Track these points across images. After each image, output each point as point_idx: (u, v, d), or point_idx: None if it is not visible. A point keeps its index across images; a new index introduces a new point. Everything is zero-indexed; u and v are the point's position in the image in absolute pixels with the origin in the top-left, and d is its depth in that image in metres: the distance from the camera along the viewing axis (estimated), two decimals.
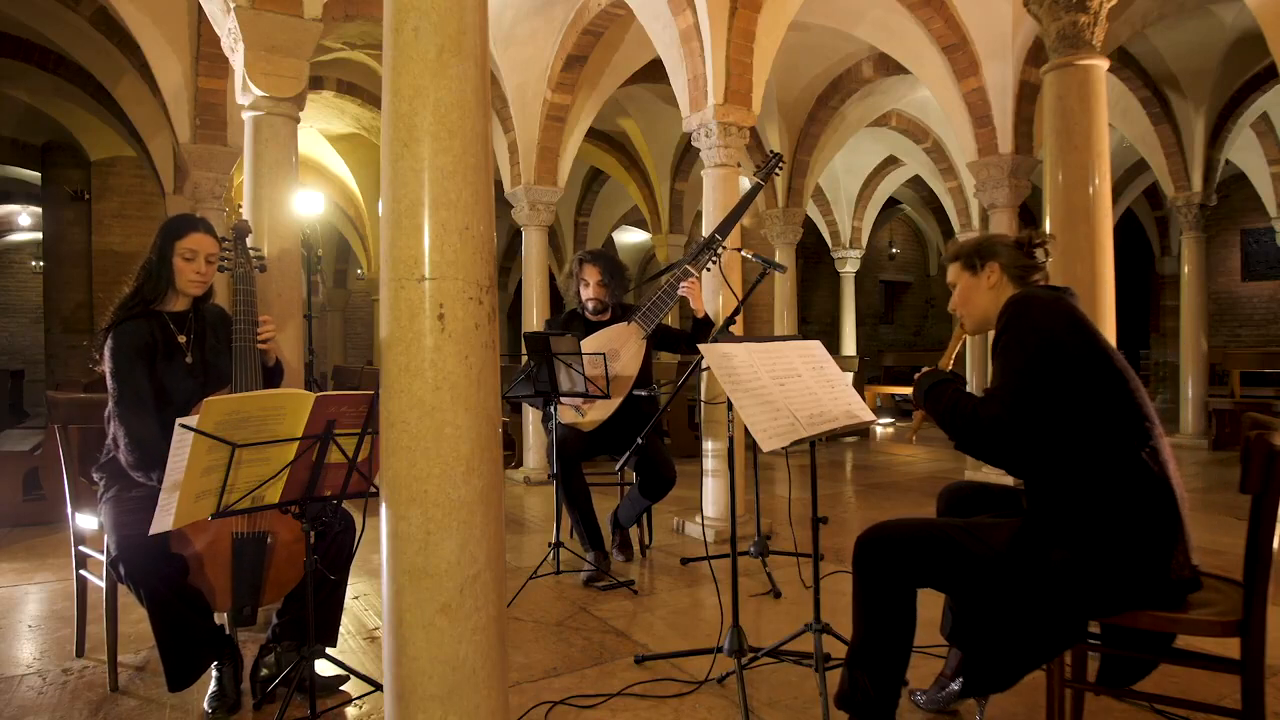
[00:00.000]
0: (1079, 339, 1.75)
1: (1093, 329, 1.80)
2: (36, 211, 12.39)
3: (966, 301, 2.06)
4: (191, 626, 2.16)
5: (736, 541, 2.53)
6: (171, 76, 5.25)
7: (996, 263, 2.00)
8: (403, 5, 1.54)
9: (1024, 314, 1.81)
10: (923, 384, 1.97)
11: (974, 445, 1.81)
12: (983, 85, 5.92)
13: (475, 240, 1.56)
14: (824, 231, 12.53)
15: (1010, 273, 1.99)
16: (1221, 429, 7.92)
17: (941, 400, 1.87)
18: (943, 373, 1.98)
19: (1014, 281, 1.99)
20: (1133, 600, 1.66)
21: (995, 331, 1.88)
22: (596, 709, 2.29)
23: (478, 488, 1.56)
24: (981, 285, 2.02)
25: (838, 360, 3.36)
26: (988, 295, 2.01)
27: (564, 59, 5.89)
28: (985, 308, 2.02)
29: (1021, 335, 1.78)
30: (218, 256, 2.49)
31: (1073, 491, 1.70)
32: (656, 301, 3.61)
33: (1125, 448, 1.68)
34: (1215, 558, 3.74)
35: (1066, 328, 1.76)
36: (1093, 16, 3.39)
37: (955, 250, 2.11)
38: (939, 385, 1.92)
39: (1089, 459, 1.69)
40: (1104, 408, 1.70)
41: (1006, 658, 1.73)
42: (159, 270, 2.43)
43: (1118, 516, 1.65)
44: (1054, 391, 1.70)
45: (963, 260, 2.07)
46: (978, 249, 2.05)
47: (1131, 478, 1.66)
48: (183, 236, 2.42)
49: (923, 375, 2.00)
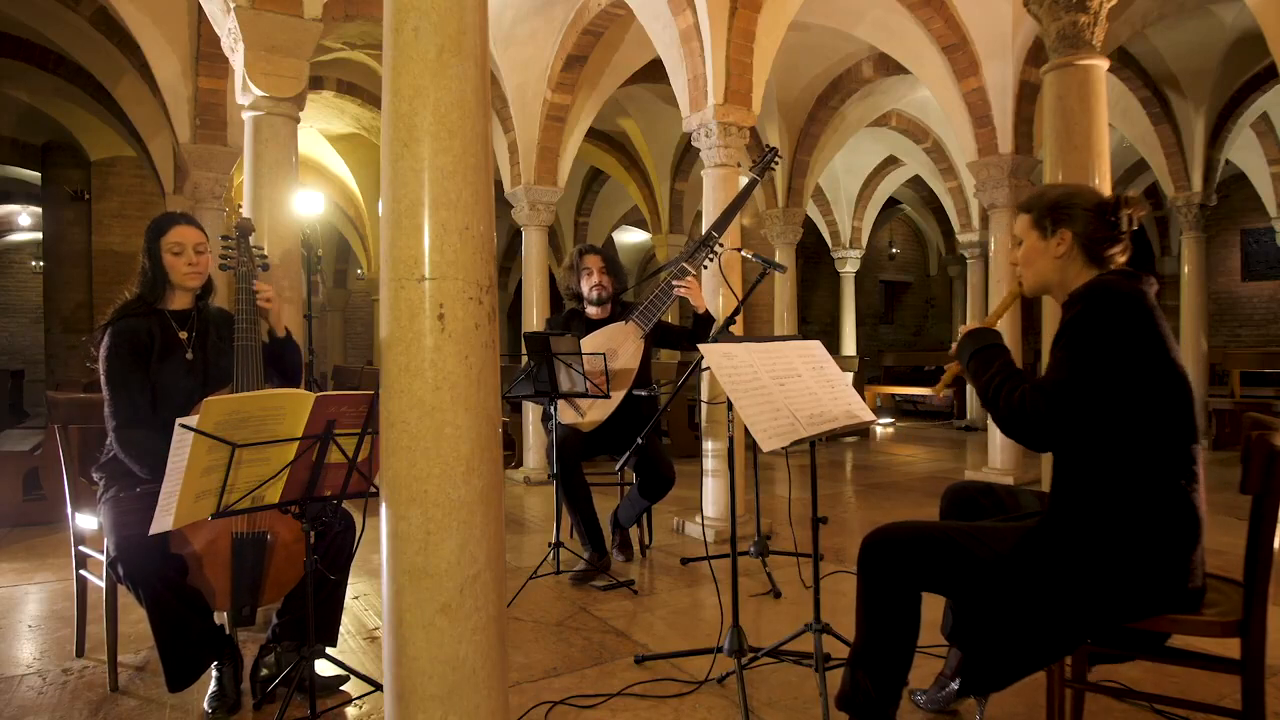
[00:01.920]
0: (1152, 352, 1.63)
1: (1166, 336, 1.67)
2: (36, 211, 12.39)
3: (1030, 263, 1.87)
4: (190, 627, 2.16)
5: (736, 541, 2.53)
6: (171, 76, 5.25)
7: (1070, 230, 1.79)
8: (403, 5, 1.54)
9: (1100, 310, 1.65)
10: (970, 344, 1.84)
11: (1011, 429, 1.69)
12: (983, 85, 5.92)
13: (475, 240, 1.56)
14: (824, 231, 12.53)
15: (1084, 243, 1.79)
16: (1221, 429, 7.92)
17: (989, 369, 1.75)
18: (992, 334, 1.86)
19: (1085, 253, 1.79)
20: (1149, 608, 1.63)
21: (1063, 315, 1.72)
22: (596, 709, 2.29)
23: (478, 488, 1.56)
24: (1049, 251, 1.82)
25: (838, 360, 3.36)
26: (1054, 263, 1.82)
27: (564, 59, 5.89)
28: (1048, 274, 1.84)
29: (1092, 335, 1.63)
30: (206, 245, 2.51)
31: (1104, 499, 1.65)
32: (654, 300, 3.60)
33: (1167, 468, 1.63)
34: (1215, 558, 3.72)
35: (1142, 337, 1.63)
36: (1093, 16, 3.39)
37: (1028, 202, 1.89)
38: (988, 349, 1.80)
39: (1128, 471, 1.64)
40: (1158, 427, 1.63)
41: (1009, 660, 1.71)
42: (154, 273, 2.46)
43: (1146, 530, 1.61)
44: (1111, 403, 1.61)
45: (1034, 217, 1.85)
46: (1053, 208, 1.82)
47: (1166, 496, 1.63)
48: (166, 232, 2.45)
49: (972, 332, 1.87)
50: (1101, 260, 1.80)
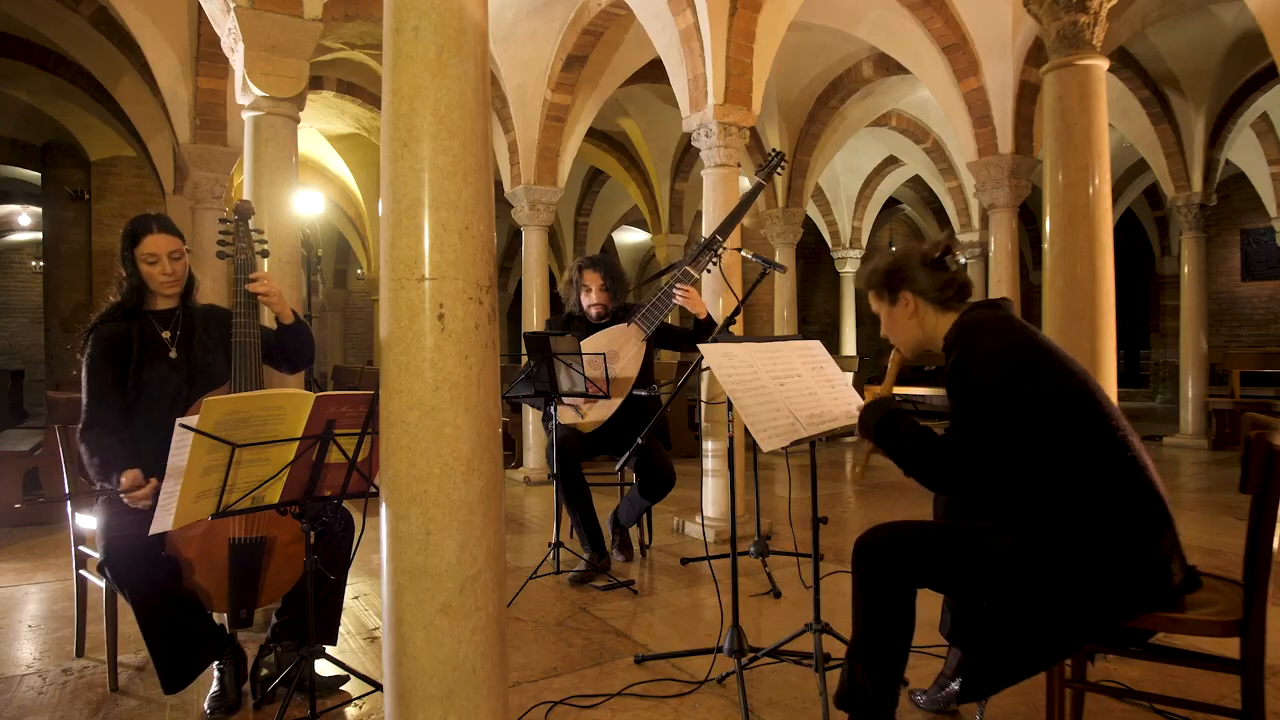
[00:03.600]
0: (1033, 363, 1.69)
1: (1041, 341, 1.74)
2: (36, 211, 12.39)
3: (893, 331, 1.97)
4: (183, 628, 2.15)
5: (736, 541, 2.53)
6: (171, 76, 5.25)
7: (908, 291, 1.90)
8: (403, 5, 1.54)
9: (972, 348, 1.74)
10: (870, 417, 1.87)
11: (940, 486, 1.77)
12: (983, 85, 5.92)
13: (475, 240, 1.56)
14: (824, 231, 12.53)
15: (927, 296, 1.89)
16: (1221, 429, 7.92)
17: (895, 436, 1.80)
18: (890, 403, 1.90)
19: (935, 304, 1.89)
20: (1132, 608, 1.64)
21: (945, 364, 1.80)
22: (596, 709, 2.29)
23: (478, 488, 1.56)
24: (901, 315, 1.93)
25: (838, 360, 3.36)
26: (911, 323, 1.92)
27: (564, 59, 5.89)
28: (913, 334, 1.94)
29: (973, 372, 1.71)
30: (184, 249, 2.43)
31: (1059, 512, 1.66)
32: (656, 303, 3.58)
33: (1103, 462, 1.65)
34: (1215, 558, 3.74)
35: (1022, 353, 1.70)
36: (1093, 16, 3.39)
37: (866, 279, 2.00)
38: (888, 418, 1.83)
39: (1068, 480, 1.65)
40: (1072, 428, 1.66)
41: (1006, 663, 1.71)
42: (132, 279, 2.41)
43: (1108, 529, 1.62)
44: (1017, 425, 1.65)
45: (875, 291, 1.97)
46: (886, 279, 1.94)
47: (1116, 490, 1.64)
48: (139, 243, 2.37)
49: (870, 406, 1.91)
50: (952, 303, 1.89)
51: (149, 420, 2.30)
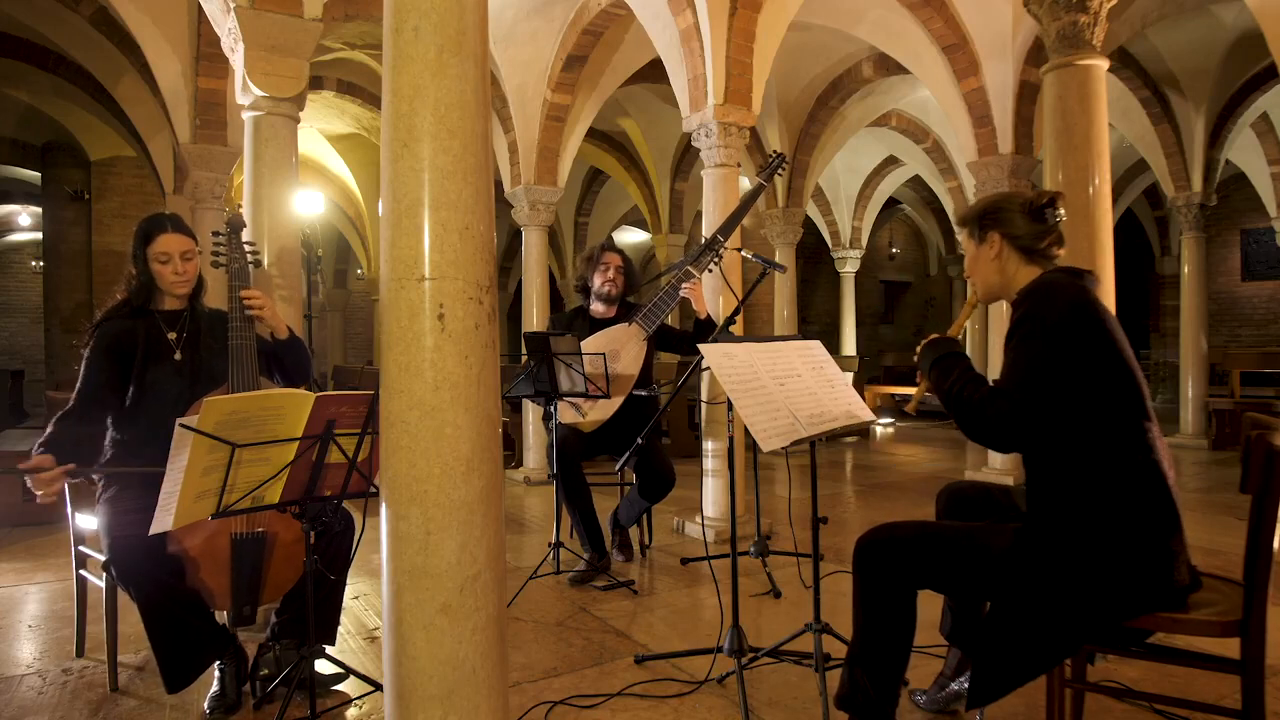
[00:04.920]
0: (1096, 337, 1.67)
1: (1111, 324, 1.72)
2: (36, 211, 12.39)
3: (974, 271, 1.95)
4: (186, 628, 2.15)
5: (736, 541, 2.53)
6: (171, 76, 5.25)
7: (998, 232, 1.87)
8: (403, 5, 1.54)
9: (1042, 307, 1.70)
10: (930, 353, 1.87)
11: (977, 434, 1.73)
12: (983, 85, 5.92)
13: (475, 240, 1.56)
14: (824, 231, 12.53)
15: (1016, 243, 1.86)
16: (1221, 429, 7.92)
17: (949, 377, 1.79)
18: (951, 343, 1.88)
19: (1021, 253, 1.86)
20: (1137, 605, 1.64)
21: (1011, 317, 1.78)
22: (596, 709, 2.29)
23: (478, 488, 1.56)
24: (985, 256, 1.90)
25: (838, 360, 3.36)
26: (992, 266, 1.90)
27: (564, 59, 5.89)
28: (991, 278, 1.91)
29: (1038, 330, 1.69)
30: (195, 250, 2.47)
31: (1075, 495, 1.67)
32: (658, 303, 3.60)
33: (1127, 449, 1.65)
34: (1215, 558, 3.75)
35: (1086, 324, 1.68)
36: (1093, 16, 3.39)
37: (962, 215, 1.99)
38: (947, 358, 1.83)
39: (1092, 460, 1.66)
40: (1110, 409, 1.66)
41: (1010, 665, 1.71)
42: (142, 277, 2.43)
43: (1121, 522, 1.62)
44: (1065, 392, 1.64)
45: (967, 228, 1.95)
46: (981, 215, 1.91)
47: (1134, 481, 1.64)
48: (152, 241, 2.40)
49: (930, 343, 1.90)
50: (1038, 256, 1.87)
51: (151, 422, 2.31)
